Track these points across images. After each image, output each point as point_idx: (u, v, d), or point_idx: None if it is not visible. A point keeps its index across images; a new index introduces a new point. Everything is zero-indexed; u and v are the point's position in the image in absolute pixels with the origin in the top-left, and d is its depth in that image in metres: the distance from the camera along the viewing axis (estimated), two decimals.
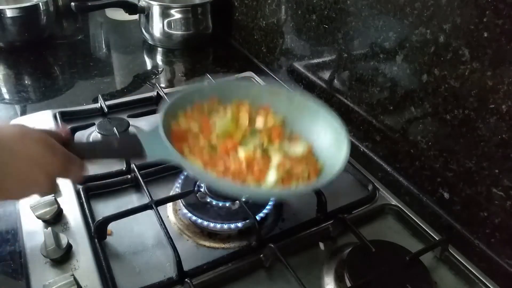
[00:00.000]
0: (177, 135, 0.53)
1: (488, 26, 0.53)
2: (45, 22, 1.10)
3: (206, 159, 0.50)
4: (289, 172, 0.51)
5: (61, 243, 0.53)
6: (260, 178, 0.50)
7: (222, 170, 0.50)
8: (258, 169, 0.50)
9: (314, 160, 0.54)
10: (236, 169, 0.50)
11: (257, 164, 0.50)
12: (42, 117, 0.79)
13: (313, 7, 0.83)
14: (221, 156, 0.51)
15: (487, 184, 0.58)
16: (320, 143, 0.56)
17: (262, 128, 0.56)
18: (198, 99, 0.57)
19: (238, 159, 0.51)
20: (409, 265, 0.53)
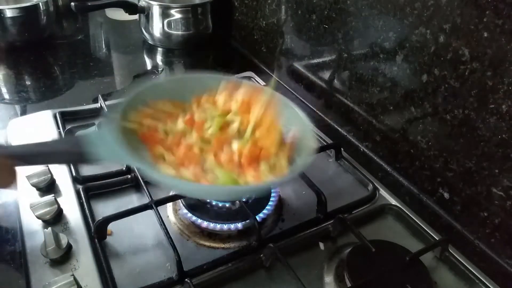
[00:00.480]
0: (147, 136, 0.50)
1: (488, 26, 0.53)
2: (45, 22, 1.10)
3: (183, 157, 0.48)
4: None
5: (61, 243, 0.53)
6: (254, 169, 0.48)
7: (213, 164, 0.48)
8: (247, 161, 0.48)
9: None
10: (228, 160, 0.48)
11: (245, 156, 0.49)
12: (42, 117, 0.79)
13: (313, 7, 0.83)
14: (213, 149, 0.49)
15: (487, 184, 0.58)
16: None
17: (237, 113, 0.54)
18: (152, 98, 0.54)
19: (230, 151, 0.49)
20: (409, 265, 0.53)
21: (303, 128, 0.52)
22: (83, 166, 0.68)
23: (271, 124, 0.51)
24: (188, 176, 0.47)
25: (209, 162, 0.48)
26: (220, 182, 0.46)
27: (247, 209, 0.59)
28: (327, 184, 0.65)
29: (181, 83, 0.58)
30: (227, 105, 0.54)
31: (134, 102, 0.52)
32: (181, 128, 0.51)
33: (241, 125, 0.52)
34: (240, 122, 0.52)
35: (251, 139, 0.50)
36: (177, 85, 0.57)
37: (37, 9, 1.07)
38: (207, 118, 0.52)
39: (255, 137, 0.50)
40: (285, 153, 0.50)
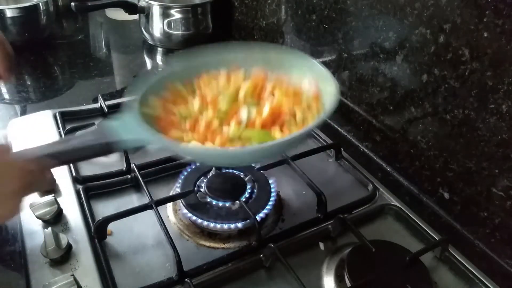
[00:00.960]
0: (164, 121, 0.51)
1: (488, 26, 0.53)
2: (45, 22, 1.10)
3: (205, 134, 0.49)
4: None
5: (61, 243, 0.53)
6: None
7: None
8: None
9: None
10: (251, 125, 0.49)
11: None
12: (42, 117, 0.79)
13: (313, 7, 0.83)
14: (232, 118, 0.50)
15: (487, 184, 0.58)
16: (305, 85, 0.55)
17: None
18: (168, 82, 0.55)
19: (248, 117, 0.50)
20: (409, 265, 0.53)
21: (319, 74, 0.53)
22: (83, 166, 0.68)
23: (286, 84, 0.53)
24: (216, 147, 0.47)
25: (233, 131, 0.48)
26: (256, 141, 0.47)
27: (247, 209, 0.59)
28: (327, 184, 0.65)
29: (193, 62, 0.58)
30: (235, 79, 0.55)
31: (151, 88, 0.53)
32: (197, 108, 0.52)
33: (253, 90, 0.53)
34: (252, 87, 0.53)
35: (268, 101, 0.51)
36: (190, 66, 0.57)
37: (37, 9, 1.07)
38: (218, 93, 0.53)
39: (274, 98, 0.52)
40: (315, 104, 0.51)
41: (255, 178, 0.65)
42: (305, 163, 0.68)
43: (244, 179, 0.64)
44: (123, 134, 0.47)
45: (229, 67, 0.57)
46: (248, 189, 0.63)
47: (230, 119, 0.50)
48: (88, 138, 0.48)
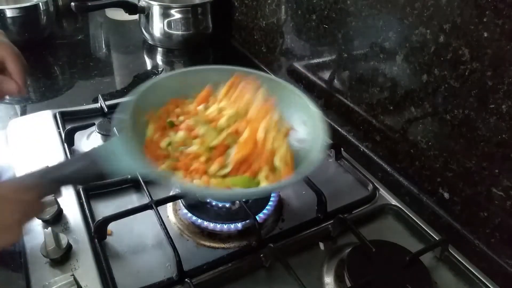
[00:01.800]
0: (152, 153, 0.50)
1: (488, 26, 0.53)
2: (45, 22, 1.10)
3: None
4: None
5: (61, 243, 0.53)
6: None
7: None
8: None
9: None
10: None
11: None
12: (42, 117, 0.79)
13: (313, 7, 0.83)
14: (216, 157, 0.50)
15: (487, 184, 0.58)
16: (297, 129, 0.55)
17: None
18: (156, 100, 0.55)
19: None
20: (409, 265, 0.53)
21: (314, 129, 0.54)
22: None
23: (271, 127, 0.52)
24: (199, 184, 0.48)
25: (217, 175, 0.49)
26: (241, 186, 0.48)
27: (247, 209, 0.59)
28: (327, 184, 0.65)
29: (181, 79, 0.58)
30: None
31: (139, 106, 0.52)
32: (180, 138, 0.52)
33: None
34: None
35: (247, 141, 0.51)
36: (178, 82, 0.58)
37: (37, 9, 1.07)
38: (196, 124, 0.53)
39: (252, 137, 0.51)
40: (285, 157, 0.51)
41: None
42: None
43: None
44: (114, 165, 0.46)
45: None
46: None
47: (215, 156, 0.50)
48: (80, 165, 0.48)
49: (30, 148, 0.71)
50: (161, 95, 0.56)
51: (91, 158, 0.47)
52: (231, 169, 0.49)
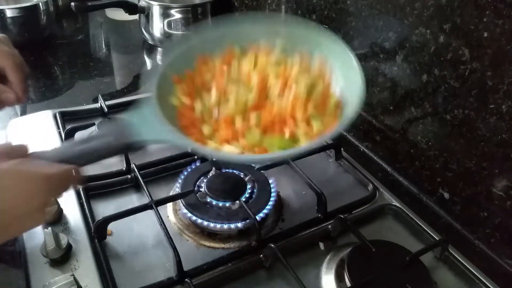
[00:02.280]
0: (185, 121, 0.49)
1: (488, 26, 0.53)
2: (45, 22, 1.10)
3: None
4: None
5: (61, 243, 0.53)
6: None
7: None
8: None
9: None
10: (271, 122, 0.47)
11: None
12: (42, 117, 0.79)
13: (313, 7, 0.83)
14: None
15: (487, 184, 0.58)
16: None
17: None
18: (186, 62, 0.52)
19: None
20: (409, 265, 0.53)
21: (345, 63, 0.50)
22: None
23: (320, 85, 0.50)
24: (239, 149, 0.46)
25: (254, 137, 0.47)
26: (276, 149, 0.46)
27: (247, 209, 0.59)
28: (327, 184, 0.65)
29: (212, 38, 0.55)
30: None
31: (169, 71, 0.50)
32: (214, 99, 0.50)
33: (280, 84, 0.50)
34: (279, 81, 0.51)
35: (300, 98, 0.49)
36: (209, 41, 0.55)
37: (37, 9, 1.07)
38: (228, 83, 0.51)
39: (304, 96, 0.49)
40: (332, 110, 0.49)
41: (255, 178, 0.65)
42: (305, 163, 0.68)
43: (244, 179, 0.64)
44: (144, 134, 0.45)
45: (247, 44, 0.54)
46: (248, 189, 0.63)
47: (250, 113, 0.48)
48: (107, 139, 0.46)
49: (30, 148, 0.71)
50: (188, 56, 0.53)
51: (120, 129, 0.46)
52: (265, 129, 0.47)
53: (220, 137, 0.47)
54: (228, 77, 0.52)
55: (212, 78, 0.53)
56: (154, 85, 0.49)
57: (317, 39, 0.54)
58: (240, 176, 0.65)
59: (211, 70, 0.53)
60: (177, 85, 0.52)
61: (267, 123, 0.48)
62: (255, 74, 0.51)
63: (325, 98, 0.50)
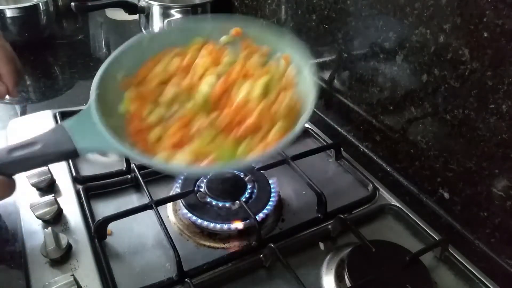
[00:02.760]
0: (134, 129, 0.46)
1: (488, 26, 0.53)
2: (45, 22, 1.10)
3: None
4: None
5: (61, 243, 0.53)
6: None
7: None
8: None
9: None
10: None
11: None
12: (42, 117, 0.79)
13: (313, 7, 0.83)
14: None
15: (487, 184, 0.58)
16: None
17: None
18: (134, 61, 0.50)
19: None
20: (409, 265, 0.53)
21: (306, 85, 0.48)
22: (83, 166, 0.68)
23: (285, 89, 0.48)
24: (186, 157, 0.44)
25: (199, 143, 0.44)
26: (221, 159, 0.43)
27: (247, 209, 0.59)
28: (327, 184, 0.65)
29: (159, 37, 0.54)
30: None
31: (115, 71, 0.48)
32: (169, 99, 0.47)
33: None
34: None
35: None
36: (160, 39, 0.53)
37: (37, 9, 1.07)
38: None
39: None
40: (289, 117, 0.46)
41: (255, 178, 0.65)
42: (305, 163, 0.68)
43: (244, 179, 0.64)
44: (82, 142, 0.42)
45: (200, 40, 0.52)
46: (248, 189, 0.63)
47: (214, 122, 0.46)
48: (41, 148, 0.43)
49: None
50: (136, 57, 0.50)
51: (55, 137, 0.43)
52: (222, 131, 0.45)
53: (168, 142, 0.45)
54: (183, 74, 0.50)
55: (166, 76, 0.50)
56: (94, 88, 0.45)
57: (275, 38, 0.53)
58: (240, 176, 0.65)
59: (165, 68, 0.51)
60: (125, 88, 0.49)
61: (225, 125, 0.45)
62: (214, 70, 0.49)
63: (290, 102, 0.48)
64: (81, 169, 0.67)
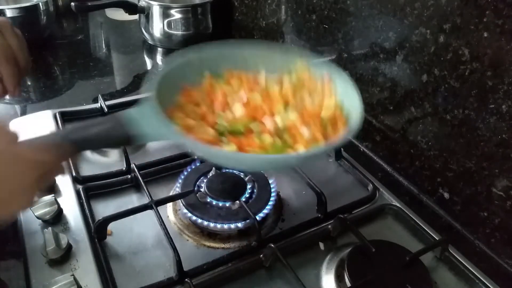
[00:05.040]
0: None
1: (488, 26, 0.53)
2: (45, 22, 1.10)
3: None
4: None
5: (61, 243, 0.53)
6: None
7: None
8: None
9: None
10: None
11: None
12: (42, 117, 0.79)
13: (313, 7, 0.83)
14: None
15: (487, 184, 0.58)
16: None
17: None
18: (187, 76, 0.52)
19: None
20: (409, 265, 0.53)
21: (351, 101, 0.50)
22: (83, 166, 0.68)
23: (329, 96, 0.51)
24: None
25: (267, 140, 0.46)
26: (270, 153, 0.45)
27: (247, 209, 0.59)
28: (327, 184, 0.65)
29: (209, 55, 0.55)
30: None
31: (168, 80, 0.50)
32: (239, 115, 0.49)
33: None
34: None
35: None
36: (206, 58, 0.54)
37: (37, 9, 1.07)
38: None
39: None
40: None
41: (255, 178, 0.65)
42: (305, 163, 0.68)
43: (244, 179, 0.64)
44: (144, 128, 0.45)
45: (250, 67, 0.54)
46: (248, 189, 0.63)
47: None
48: (105, 127, 0.45)
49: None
50: (187, 70, 0.53)
51: (118, 120, 0.45)
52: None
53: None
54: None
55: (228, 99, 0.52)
56: (154, 86, 0.48)
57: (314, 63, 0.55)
58: (240, 176, 0.65)
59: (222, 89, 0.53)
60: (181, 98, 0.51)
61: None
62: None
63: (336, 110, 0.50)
64: (81, 169, 0.67)
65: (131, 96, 0.89)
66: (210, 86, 0.53)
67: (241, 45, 0.56)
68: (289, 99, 0.51)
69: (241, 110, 0.49)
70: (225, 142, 0.46)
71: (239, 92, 0.51)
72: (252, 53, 0.55)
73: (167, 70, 0.51)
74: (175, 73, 0.52)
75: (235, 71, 0.54)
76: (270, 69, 0.54)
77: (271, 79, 0.53)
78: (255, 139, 0.46)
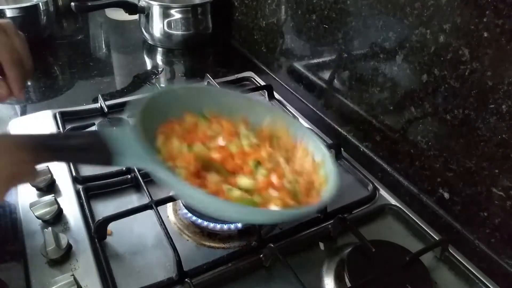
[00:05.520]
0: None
1: (488, 26, 0.53)
2: (45, 22, 1.10)
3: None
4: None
5: (61, 243, 0.53)
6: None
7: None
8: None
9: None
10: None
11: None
12: (42, 117, 0.79)
13: (313, 7, 0.83)
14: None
15: (487, 184, 0.58)
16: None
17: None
18: (171, 107, 0.52)
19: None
20: (409, 265, 0.53)
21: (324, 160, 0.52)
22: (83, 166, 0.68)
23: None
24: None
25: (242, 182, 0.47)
26: (237, 201, 0.44)
27: None
28: None
29: (196, 93, 0.56)
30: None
31: (149, 108, 0.49)
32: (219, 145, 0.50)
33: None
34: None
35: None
36: (192, 95, 0.55)
37: (37, 9, 1.07)
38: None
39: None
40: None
41: None
42: None
43: None
44: (124, 149, 0.43)
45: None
46: None
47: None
48: (85, 141, 0.44)
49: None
50: (173, 104, 0.52)
51: (100, 138, 0.43)
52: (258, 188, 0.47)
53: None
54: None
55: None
56: (138, 112, 0.46)
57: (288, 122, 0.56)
58: None
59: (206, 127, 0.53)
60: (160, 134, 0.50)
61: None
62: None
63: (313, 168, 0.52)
64: (81, 169, 0.67)
65: (131, 96, 0.89)
66: (194, 125, 0.53)
67: (229, 93, 0.57)
68: (262, 158, 0.50)
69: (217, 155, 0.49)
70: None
71: (218, 137, 0.52)
72: (237, 102, 0.56)
73: (152, 96, 0.51)
74: (161, 102, 0.51)
75: (218, 115, 0.54)
76: (252, 119, 0.55)
77: (249, 132, 0.54)
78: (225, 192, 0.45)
